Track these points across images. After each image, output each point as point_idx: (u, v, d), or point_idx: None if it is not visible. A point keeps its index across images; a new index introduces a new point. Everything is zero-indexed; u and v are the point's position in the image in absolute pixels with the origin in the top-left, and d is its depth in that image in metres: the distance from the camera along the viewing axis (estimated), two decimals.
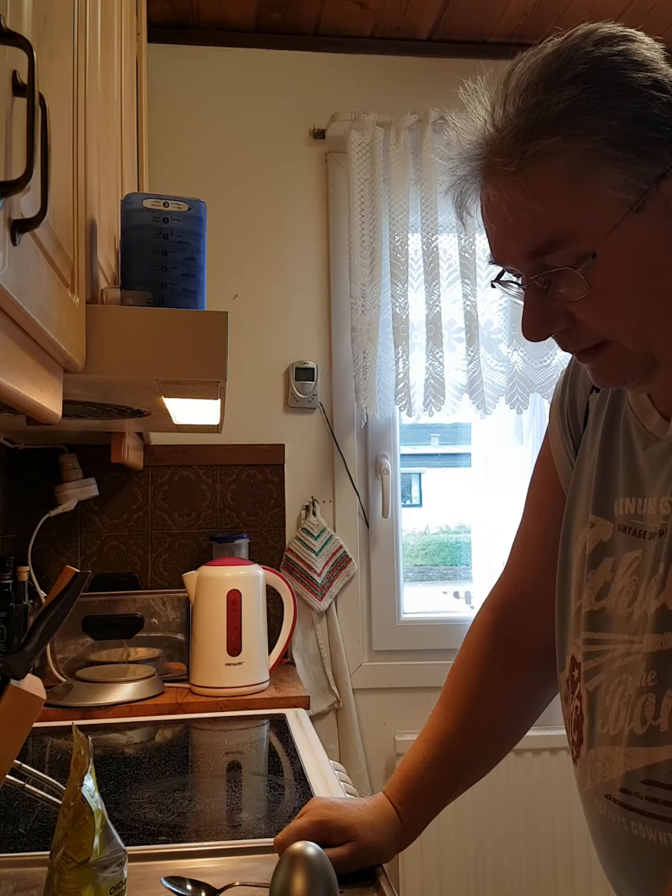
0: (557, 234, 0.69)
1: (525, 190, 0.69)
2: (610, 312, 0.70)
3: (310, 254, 2.40)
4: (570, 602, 0.85)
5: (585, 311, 0.71)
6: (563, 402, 0.93)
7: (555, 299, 0.71)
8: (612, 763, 0.76)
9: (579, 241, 0.68)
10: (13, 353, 0.63)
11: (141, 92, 1.80)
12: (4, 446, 2.04)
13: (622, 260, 0.68)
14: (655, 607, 0.73)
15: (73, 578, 0.86)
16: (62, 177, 0.78)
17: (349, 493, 2.35)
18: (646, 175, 0.67)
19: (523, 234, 0.70)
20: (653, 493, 0.77)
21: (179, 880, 0.95)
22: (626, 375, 0.74)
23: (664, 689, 0.71)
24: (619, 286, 0.69)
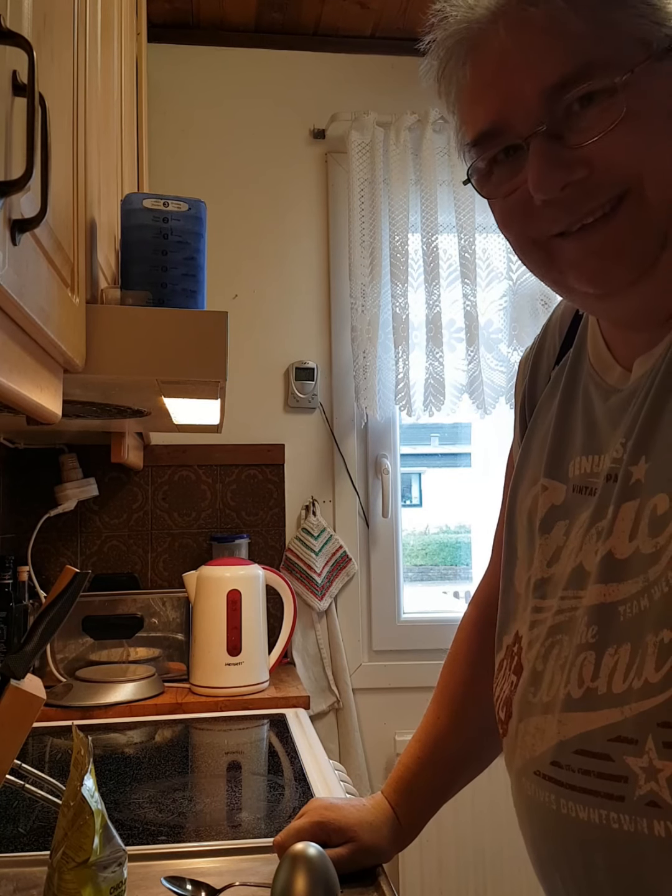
0: (592, 57, 0.62)
1: (561, 6, 0.62)
2: (641, 143, 0.62)
3: (310, 254, 2.40)
4: (515, 578, 0.79)
5: (613, 147, 0.62)
6: (524, 384, 0.88)
7: (572, 144, 0.63)
8: (542, 734, 0.68)
9: (611, 68, 0.61)
10: (13, 353, 0.63)
11: (141, 92, 1.80)
12: (4, 446, 2.05)
13: (657, 93, 0.62)
14: (601, 555, 0.65)
15: (73, 578, 0.86)
16: (62, 177, 0.78)
17: (349, 493, 2.36)
18: (669, 30, 0.62)
19: (548, 62, 0.62)
20: (609, 447, 0.70)
21: (179, 880, 0.95)
22: (636, 253, 0.64)
23: (605, 647, 0.63)
24: (655, 111, 0.62)
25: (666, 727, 0.58)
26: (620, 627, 0.63)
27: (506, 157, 0.67)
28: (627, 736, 0.61)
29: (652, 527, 0.62)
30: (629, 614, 0.62)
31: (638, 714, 0.60)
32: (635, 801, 0.60)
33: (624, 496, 0.65)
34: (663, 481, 0.62)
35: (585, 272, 0.66)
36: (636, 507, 0.64)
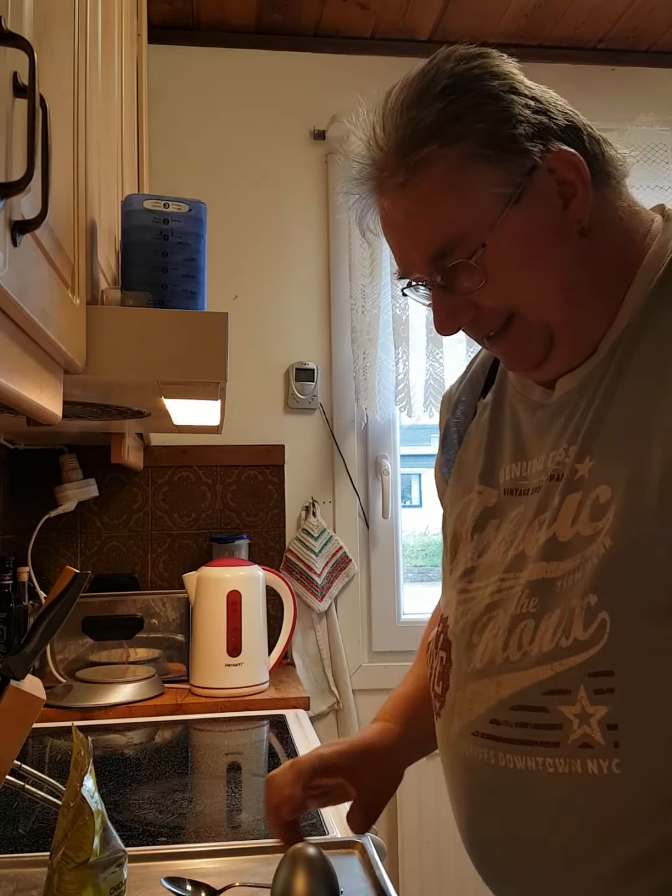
0: (450, 236, 0.75)
1: (414, 198, 0.76)
2: (507, 293, 0.77)
3: (310, 255, 2.40)
4: (447, 574, 0.88)
5: (486, 297, 0.77)
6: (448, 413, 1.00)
7: (458, 293, 0.78)
8: (480, 696, 0.75)
9: (470, 238, 0.75)
10: (14, 353, 0.63)
11: (141, 93, 1.80)
12: (5, 447, 2.05)
13: (510, 245, 0.75)
14: (545, 538, 0.74)
15: (73, 579, 0.86)
16: (62, 178, 0.78)
17: (349, 494, 2.36)
18: (518, 169, 0.74)
19: (420, 241, 0.77)
20: (539, 452, 0.81)
21: (179, 881, 0.95)
22: (531, 351, 0.79)
23: (543, 615, 0.72)
24: (511, 268, 0.76)
25: (595, 676, 0.66)
26: (555, 597, 0.71)
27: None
28: (560, 688, 0.68)
29: (593, 513, 0.71)
30: (564, 587, 0.71)
31: (570, 668, 0.68)
32: (570, 744, 0.68)
33: (568, 489, 0.75)
34: (606, 474, 0.72)
35: (508, 361, 0.83)
36: (579, 498, 0.73)
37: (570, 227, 0.76)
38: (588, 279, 0.77)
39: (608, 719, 0.66)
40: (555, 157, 0.75)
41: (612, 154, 0.79)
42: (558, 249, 0.76)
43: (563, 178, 0.76)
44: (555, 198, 0.76)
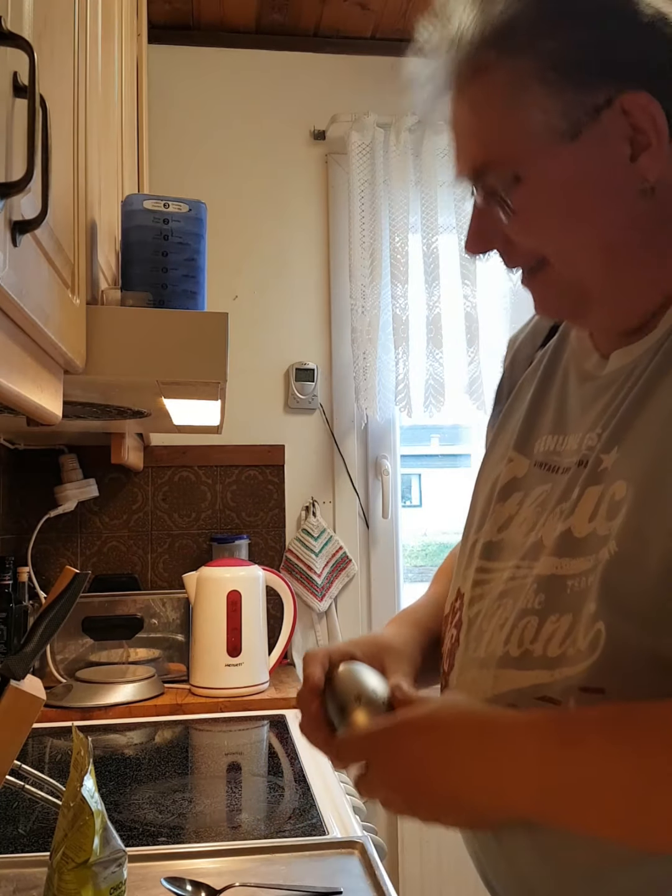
0: (491, 154, 0.69)
1: (468, 103, 0.70)
2: (536, 236, 0.70)
3: (310, 255, 2.40)
4: (468, 540, 0.83)
5: (514, 233, 0.71)
6: (507, 363, 0.93)
7: (493, 218, 0.71)
8: (478, 686, 0.72)
9: (508, 164, 0.68)
10: (13, 354, 0.63)
11: (141, 93, 1.80)
12: (5, 447, 2.05)
13: (551, 187, 0.68)
14: (560, 531, 0.69)
15: (73, 579, 0.87)
16: (62, 178, 0.78)
17: (349, 494, 2.36)
18: (580, 104, 0.66)
19: (467, 150, 0.72)
20: (578, 429, 0.75)
21: (179, 881, 0.95)
22: (560, 305, 0.74)
23: (548, 614, 0.68)
24: (545, 212, 0.69)
25: (585, 692, 0.63)
26: (566, 599, 0.67)
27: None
28: (553, 696, 0.65)
29: (609, 511, 0.66)
30: (576, 588, 0.66)
31: (565, 678, 0.64)
32: None
33: (590, 480, 0.69)
34: (625, 469, 0.66)
35: (537, 307, 0.77)
36: (600, 492, 0.68)
37: (632, 184, 0.67)
38: (642, 243, 0.69)
39: None
40: (632, 98, 0.65)
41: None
42: (610, 205, 0.68)
43: (638, 124, 0.65)
44: (623, 145, 0.66)
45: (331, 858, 1.07)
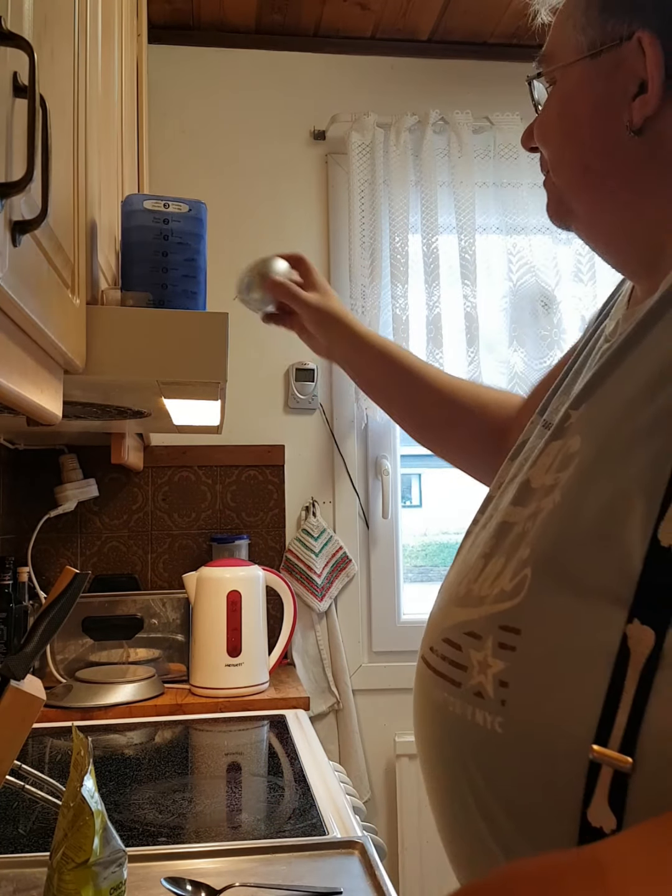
0: (550, 48, 0.76)
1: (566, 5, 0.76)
2: (540, 136, 0.77)
3: (310, 255, 2.38)
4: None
5: (535, 128, 0.78)
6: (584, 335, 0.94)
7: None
8: (434, 621, 0.76)
9: (551, 61, 0.76)
10: (13, 354, 0.63)
11: (141, 93, 1.80)
12: (5, 447, 2.05)
13: (562, 93, 0.75)
14: (520, 482, 0.72)
15: (73, 579, 0.86)
16: (62, 178, 0.78)
17: (349, 494, 2.36)
18: (606, 28, 0.71)
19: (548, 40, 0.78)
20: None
21: (179, 881, 0.95)
22: (556, 213, 0.79)
23: (491, 557, 0.71)
24: (550, 115, 0.76)
25: (504, 630, 0.65)
26: (507, 542, 0.70)
27: None
28: (475, 632, 0.67)
29: (561, 463, 0.68)
30: (516, 532, 0.69)
31: (488, 615, 0.67)
32: (467, 688, 0.67)
33: (554, 435, 0.72)
34: (584, 425, 0.68)
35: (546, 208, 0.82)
36: (560, 446, 0.70)
37: (621, 118, 0.70)
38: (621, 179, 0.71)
39: (502, 675, 0.63)
40: (652, 41, 0.68)
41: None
42: (596, 129, 0.72)
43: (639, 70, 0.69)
44: (631, 81, 0.69)
45: (331, 858, 1.07)
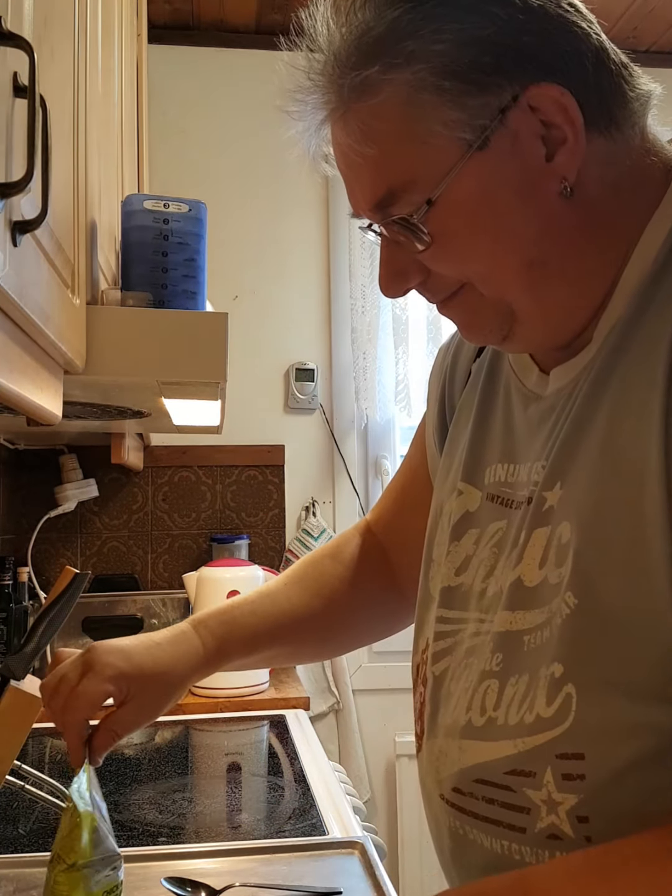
0: (394, 182, 0.61)
1: (355, 131, 0.61)
2: (456, 260, 0.63)
3: (310, 254, 2.40)
4: (430, 580, 0.77)
5: (434, 261, 0.63)
6: (443, 371, 0.86)
7: (406, 251, 0.64)
8: (445, 758, 0.66)
9: (416, 189, 0.60)
10: (13, 354, 0.63)
11: (141, 93, 1.80)
12: (5, 447, 2.05)
13: (464, 204, 0.60)
14: (511, 580, 0.64)
15: (73, 579, 0.86)
16: (62, 178, 0.78)
17: (349, 494, 2.35)
18: (483, 109, 0.58)
19: (364, 183, 0.63)
20: (527, 457, 0.68)
21: (179, 881, 0.95)
22: (487, 327, 0.66)
23: (507, 676, 0.62)
24: (460, 233, 0.61)
25: (564, 759, 0.57)
26: (524, 657, 0.61)
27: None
28: (525, 769, 0.59)
29: (558, 556, 0.60)
30: (532, 645, 0.61)
31: (533, 748, 0.58)
32: (536, 833, 0.58)
33: (536, 522, 0.63)
34: (569, 509, 0.60)
35: (463, 332, 0.70)
36: (547, 535, 0.62)
37: (550, 186, 0.60)
38: (565, 253, 0.62)
39: (577, 810, 0.56)
40: (538, 92, 0.57)
41: (626, 91, 0.63)
42: (527, 214, 0.60)
43: (549, 119, 0.58)
44: (536, 145, 0.59)
45: (331, 858, 1.07)
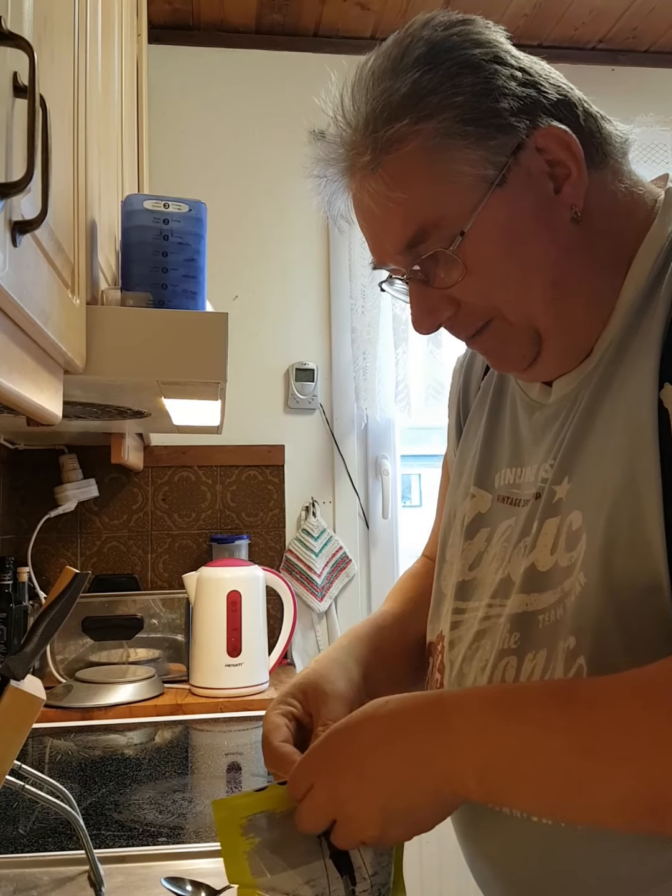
0: (425, 221, 0.69)
1: (385, 179, 0.69)
2: (489, 288, 0.70)
3: (310, 254, 2.40)
4: (442, 579, 0.83)
5: (467, 292, 0.71)
6: (458, 393, 0.95)
7: (437, 287, 0.71)
8: None
9: (447, 225, 0.69)
10: (13, 354, 0.63)
11: (141, 93, 1.80)
12: (5, 447, 2.05)
13: (492, 234, 0.68)
14: (524, 567, 0.70)
15: (73, 579, 0.86)
16: (62, 178, 0.78)
17: (349, 494, 2.35)
18: (501, 148, 0.68)
19: (394, 227, 0.71)
20: (533, 460, 0.76)
21: (179, 881, 0.95)
22: (517, 354, 0.73)
23: (525, 652, 0.68)
24: (492, 260, 0.69)
25: None
26: (539, 634, 0.67)
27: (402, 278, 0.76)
28: None
29: (568, 541, 0.67)
30: (547, 622, 0.67)
31: None
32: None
33: (547, 513, 0.71)
34: (580, 499, 0.68)
35: (492, 361, 0.78)
36: (557, 524, 0.69)
37: (562, 214, 0.69)
38: (580, 273, 0.70)
39: None
40: (544, 134, 0.68)
41: (610, 130, 0.73)
42: (547, 239, 0.69)
43: (555, 158, 0.69)
44: (545, 180, 0.69)
45: None
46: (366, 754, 0.61)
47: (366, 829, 0.62)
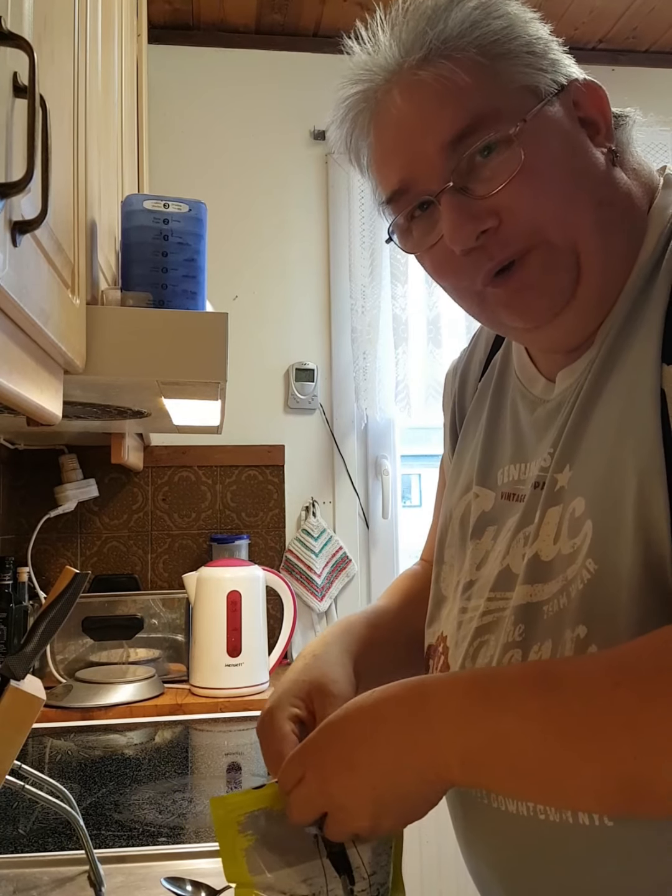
0: (482, 111, 0.66)
1: (435, 77, 0.67)
2: (538, 193, 0.66)
3: (310, 255, 2.40)
4: (441, 581, 0.82)
5: (514, 197, 0.66)
6: (453, 395, 0.93)
7: (478, 196, 0.66)
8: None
9: (503, 118, 0.66)
10: (13, 354, 0.63)
11: (141, 93, 1.80)
12: (4, 447, 2.05)
13: (546, 135, 0.67)
14: (528, 557, 0.69)
15: (73, 579, 0.86)
16: (62, 178, 0.78)
17: (349, 494, 2.35)
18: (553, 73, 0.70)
19: (444, 117, 0.66)
20: (536, 455, 0.74)
21: (179, 881, 0.95)
22: (555, 289, 0.68)
23: (530, 645, 0.66)
24: (546, 159, 0.67)
25: None
26: (544, 625, 0.66)
27: (422, 212, 0.71)
28: None
29: (571, 529, 0.66)
30: (551, 612, 0.66)
31: None
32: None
33: (549, 502, 0.69)
34: (581, 485, 0.67)
35: (514, 309, 0.70)
36: (559, 512, 0.68)
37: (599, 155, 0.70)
38: (624, 201, 0.70)
39: None
40: (586, 86, 0.70)
41: (616, 111, 0.75)
42: (595, 159, 0.69)
43: (585, 115, 0.70)
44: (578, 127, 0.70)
45: None
46: (354, 746, 0.62)
47: (357, 819, 0.62)
